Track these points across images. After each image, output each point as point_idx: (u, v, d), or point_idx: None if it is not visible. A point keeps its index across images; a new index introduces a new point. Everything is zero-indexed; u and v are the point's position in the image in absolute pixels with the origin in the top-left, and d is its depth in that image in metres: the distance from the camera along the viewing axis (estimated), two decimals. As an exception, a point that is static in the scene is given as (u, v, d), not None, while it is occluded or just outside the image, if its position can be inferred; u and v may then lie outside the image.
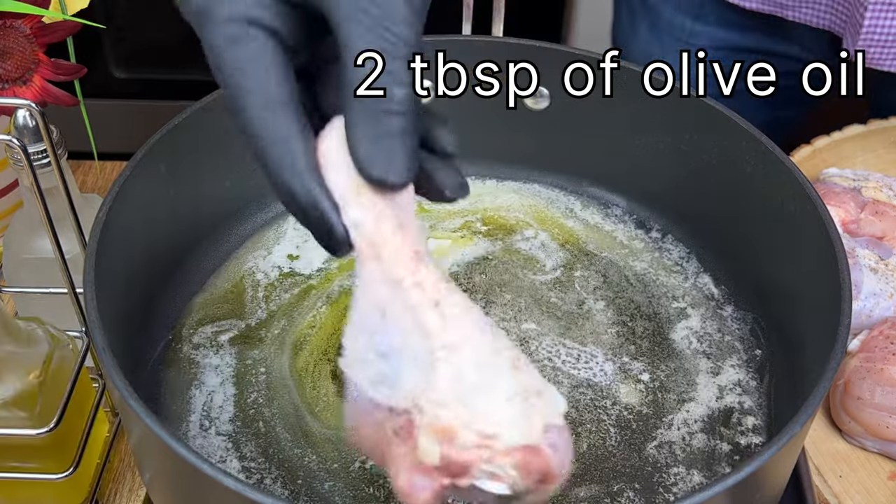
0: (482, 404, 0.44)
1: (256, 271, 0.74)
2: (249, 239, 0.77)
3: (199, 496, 0.52)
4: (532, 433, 0.44)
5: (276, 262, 0.75)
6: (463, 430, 0.43)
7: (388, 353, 0.46)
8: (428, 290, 0.45)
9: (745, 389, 0.67)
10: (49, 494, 0.65)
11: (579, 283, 0.74)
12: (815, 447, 0.69)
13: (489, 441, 0.44)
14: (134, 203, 0.63)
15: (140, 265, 0.66)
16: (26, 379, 0.61)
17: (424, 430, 0.44)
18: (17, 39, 0.68)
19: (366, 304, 0.47)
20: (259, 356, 0.68)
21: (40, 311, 0.68)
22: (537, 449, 0.44)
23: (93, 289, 0.56)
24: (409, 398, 0.45)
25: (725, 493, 0.48)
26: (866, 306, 0.73)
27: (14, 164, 0.65)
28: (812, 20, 0.92)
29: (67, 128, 0.69)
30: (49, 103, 0.71)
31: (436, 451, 0.44)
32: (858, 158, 0.92)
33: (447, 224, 0.79)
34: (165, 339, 0.69)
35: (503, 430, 0.44)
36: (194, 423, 0.64)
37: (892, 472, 0.68)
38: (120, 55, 1.55)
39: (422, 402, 0.44)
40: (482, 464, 0.43)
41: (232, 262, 0.75)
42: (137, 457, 0.60)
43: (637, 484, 0.61)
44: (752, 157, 0.68)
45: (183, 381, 0.66)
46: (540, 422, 0.44)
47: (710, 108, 0.70)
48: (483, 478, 0.44)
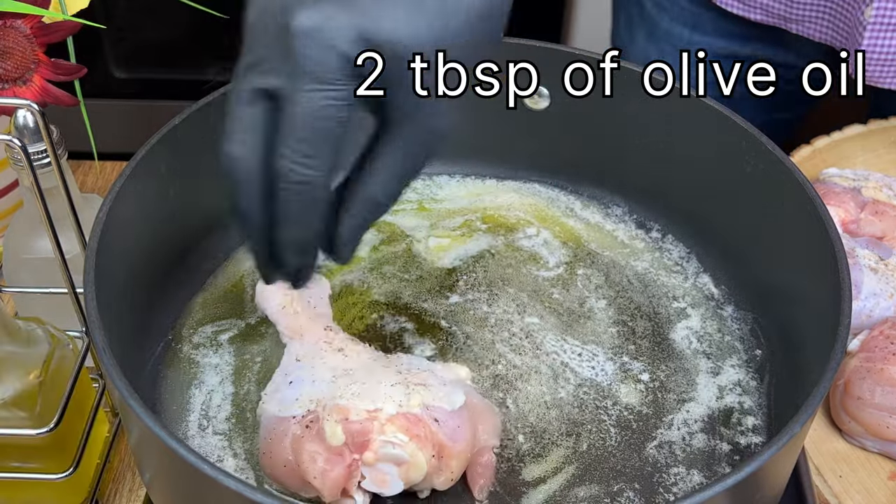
0: (369, 390, 0.57)
1: (256, 270, 0.74)
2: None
3: (199, 496, 0.52)
4: (411, 406, 0.57)
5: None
6: (354, 409, 0.56)
7: (295, 382, 0.60)
8: (334, 343, 0.62)
9: (745, 389, 0.67)
10: (49, 494, 0.65)
11: (581, 282, 0.74)
12: (815, 447, 0.69)
13: (376, 413, 0.56)
14: (134, 203, 0.63)
15: (140, 265, 0.66)
16: (26, 379, 0.61)
17: (326, 418, 0.56)
18: (17, 39, 0.68)
19: (288, 358, 0.62)
20: (258, 350, 0.68)
21: (40, 311, 0.67)
22: (416, 417, 0.57)
23: (93, 289, 0.56)
24: (310, 403, 0.58)
25: (725, 493, 0.48)
26: (866, 306, 0.73)
27: (14, 164, 0.65)
28: (814, 35, 0.92)
29: (67, 128, 0.69)
30: (49, 103, 0.71)
31: (338, 430, 0.56)
32: (858, 158, 0.92)
33: (447, 223, 0.79)
34: (165, 339, 0.69)
35: (385, 404, 0.56)
36: (193, 423, 0.64)
37: (892, 472, 0.68)
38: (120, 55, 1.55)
39: (324, 401, 0.57)
40: (377, 435, 0.55)
41: (231, 262, 0.75)
42: (137, 457, 0.60)
43: (637, 484, 0.61)
44: (752, 157, 0.68)
45: (183, 380, 0.66)
46: (418, 399, 0.57)
47: (710, 108, 0.70)
48: (385, 451, 0.55)
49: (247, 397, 0.66)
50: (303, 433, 0.57)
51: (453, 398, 0.59)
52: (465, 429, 0.58)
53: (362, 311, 0.71)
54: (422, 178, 0.82)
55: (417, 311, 0.71)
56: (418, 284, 0.74)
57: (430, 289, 0.73)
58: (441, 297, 0.73)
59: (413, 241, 0.77)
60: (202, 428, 0.64)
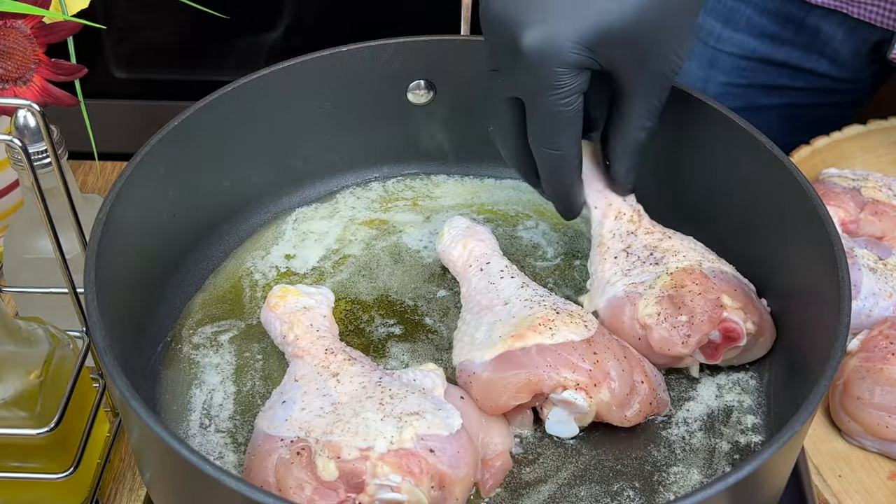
0: (360, 426, 0.56)
1: (255, 271, 0.75)
2: (248, 239, 0.77)
3: (200, 496, 0.52)
4: (403, 441, 0.55)
5: (273, 262, 0.75)
6: (346, 446, 0.55)
7: (287, 402, 0.59)
8: (331, 368, 0.61)
9: (745, 388, 0.67)
10: (49, 494, 0.65)
11: (578, 272, 0.75)
12: (815, 447, 0.69)
13: (367, 452, 0.55)
14: (134, 203, 0.64)
15: (140, 265, 0.66)
16: (27, 379, 0.61)
17: (319, 453, 0.55)
18: (17, 39, 0.68)
19: (288, 376, 0.62)
20: (259, 348, 0.69)
21: (41, 311, 0.68)
22: (409, 452, 0.55)
23: (93, 289, 0.56)
24: (300, 431, 0.57)
25: (725, 492, 0.48)
26: (865, 306, 0.73)
27: (14, 164, 0.65)
28: (876, 19, 0.90)
29: (67, 128, 0.69)
30: (49, 103, 0.71)
31: (332, 466, 0.55)
32: (858, 158, 0.92)
33: (442, 217, 0.79)
34: (165, 339, 0.69)
35: (376, 441, 0.55)
36: (194, 422, 0.64)
37: (891, 472, 0.68)
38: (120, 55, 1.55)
39: (315, 434, 0.56)
40: (370, 477, 0.54)
41: (231, 262, 0.75)
42: (138, 456, 0.60)
43: (637, 483, 0.61)
44: (752, 157, 0.68)
45: (183, 380, 0.67)
46: (411, 433, 0.55)
47: (710, 109, 0.70)
48: (381, 496, 0.54)
49: (250, 394, 0.66)
50: (292, 458, 0.55)
51: (449, 422, 0.57)
52: (465, 452, 0.57)
53: (348, 305, 0.72)
54: (420, 178, 0.83)
55: (409, 306, 0.72)
56: (409, 278, 0.74)
57: (425, 280, 0.74)
58: (432, 290, 0.73)
59: (403, 235, 0.77)
60: (204, 427, 0.64)
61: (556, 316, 0.63)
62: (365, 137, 0.80)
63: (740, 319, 0.63)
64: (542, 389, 0.60)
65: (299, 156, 0.79)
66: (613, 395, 0.60)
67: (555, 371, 0.60)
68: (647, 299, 0.64)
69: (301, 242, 0.77)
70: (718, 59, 1.02)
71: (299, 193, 0.80)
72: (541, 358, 0.60)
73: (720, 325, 0.63)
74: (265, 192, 0.79)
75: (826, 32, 0.95)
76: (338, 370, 0.61)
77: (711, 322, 0.63)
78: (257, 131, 0.75)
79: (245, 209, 0.78)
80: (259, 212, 0.78)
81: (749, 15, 0.98)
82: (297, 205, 0.80)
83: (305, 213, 0.80)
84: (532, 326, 0.62)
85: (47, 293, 0.70)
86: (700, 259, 0.66)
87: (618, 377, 0.61)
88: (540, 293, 0.66)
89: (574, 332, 0.62)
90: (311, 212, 0.80)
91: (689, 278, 0.64)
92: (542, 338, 0.61)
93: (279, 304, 0.66)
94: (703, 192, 0.73)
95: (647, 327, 0.64)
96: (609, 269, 0.67)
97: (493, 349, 0.62)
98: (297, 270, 0.75)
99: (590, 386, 0.60)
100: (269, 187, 0.79)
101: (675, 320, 0.63)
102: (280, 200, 0.80)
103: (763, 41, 0.99)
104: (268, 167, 0.77)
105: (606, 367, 0.61)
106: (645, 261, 0.66)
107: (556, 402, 0.61)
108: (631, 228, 0.69)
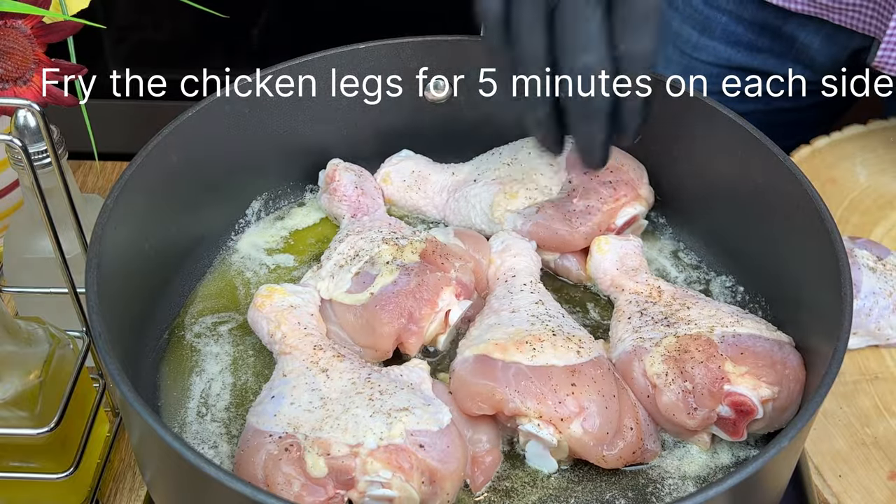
0: (349, 422, 0.56)
1: (245, 270, 0.75)
2: (247, 239, 0.77)
3: (201, 495, 0.52)
4: (393, 437, 0.55)
5: (266, 261, 0.75)
6: (335, 443, 0.55)
7: (276, 397, 0.59)
8: (320, 363, 0.61)
9: (745, 389, 0.67)
10: (49, 494, 0.65)
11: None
12: (815, 447, 0.69)
13: (356, 449, 0.55)
14: (134, 204, 0.64)
15: (140, 265, 0.66)
16: (27, 379, 0.61)
17: (308, 449, 0.55)
18: (17, 39, 0.68)
19: (276, 372, 0.62)
20: (253, 341, 0.69)
21: (41, 311, 0.67)
22: (399, 447, 0.54)
23: (94, 289, 0.56)
24: (288, 426, 0.57)
25: (726, 494, 0.48)
26: (865, 305, 0.73)
27: (14, 164, 0.65)
28: (857, 25, 0.89)
29: (67, 128, 0.69)
30: (49, 103, 0.71)
31: (321, 462, 0.54)
32: (858, 158, 0.92)
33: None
34: (165, 338, 0.69)
35: (365, 438, 0.55)
36: (192, 410, 0.65)
37: (891, 472, 0.68)
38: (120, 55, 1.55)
39: (304, 430, 0.56)
40: (360, 474, 0.53)
41: (229, 263, 0.75)
42: (138, 456, 0.60)
43: (630, 493, 0.61)
44: (753, 157, 0.68)
45: (184, 367, 0.67)
46: (400, 428, 0.55)
47: (710, 109, 0.70)
48: (372, 492, 0.54)
49: (245, 387, 0.66)
50: (280, 454, 0.55)
51: (439, 417, 0.57)
52: (455, 447, 0.57)
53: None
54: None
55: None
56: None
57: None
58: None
59: None
60: (201, 415, 0.64)
61: (550, 337, 0.61)
62: (374, 133, 0.80)
63: (748, 389, 0.60)
64: (503, 410, 0.59)
65: (316, 151, 0.79)
66: (587, 432, 0.58)
67: (520, 398, 0.59)
68: (653, 356, 0.62)
69: (294, 241, 0.77)
70: (695, 67, 1.01)
71: (302, 193, 0.81)
72: (514, 380, 0.59)
73: (727, 399, 0.60)
74: (264, 193, 0.79)
75: (803, 41, 0.94)
76: (327, 366, 0.61)
77: (713, 396, 0.60)
78: (268, 129, 0.75)
79: (244, 209, 0.78)
80: (257, 212, 0.78)
81: (725, 23, 0.98)
82: (298, 205, 0.80)
83: (305, 212, 0.80)
84: (518, 342, 0.61)
85: (47, 293, 0.69)
86: (713, 325, 0.63)
87: (598, 413, 0.58)
88: (552, 313, 0.65)
89: (558, 357, 0.60)
90: (312, 211, 0.80)
91: (693, 344, 0.62)
92: (523, 357, 0.60)
93: (265, 303, 0.66)
94: (701, 192, 0.73)
95: (656, 388, 0.61)
96: (623, 328, 0.66)
97: (476, 348, 0.62)
98: (286, 265, 0.75)
99: (556, 420, 0.58)
100: (275, 186, 0.79)
101: (682, 384, 0.60)
102: (280, 200, 0.80)
103: (739, 49, 0.98)
104: (276, 166, 0.78)
105: (583, 400, 0.58)
106: (658, 322, 0.65)
107: (523, 433, 0.60)
108: (651, 300, 0.67)
